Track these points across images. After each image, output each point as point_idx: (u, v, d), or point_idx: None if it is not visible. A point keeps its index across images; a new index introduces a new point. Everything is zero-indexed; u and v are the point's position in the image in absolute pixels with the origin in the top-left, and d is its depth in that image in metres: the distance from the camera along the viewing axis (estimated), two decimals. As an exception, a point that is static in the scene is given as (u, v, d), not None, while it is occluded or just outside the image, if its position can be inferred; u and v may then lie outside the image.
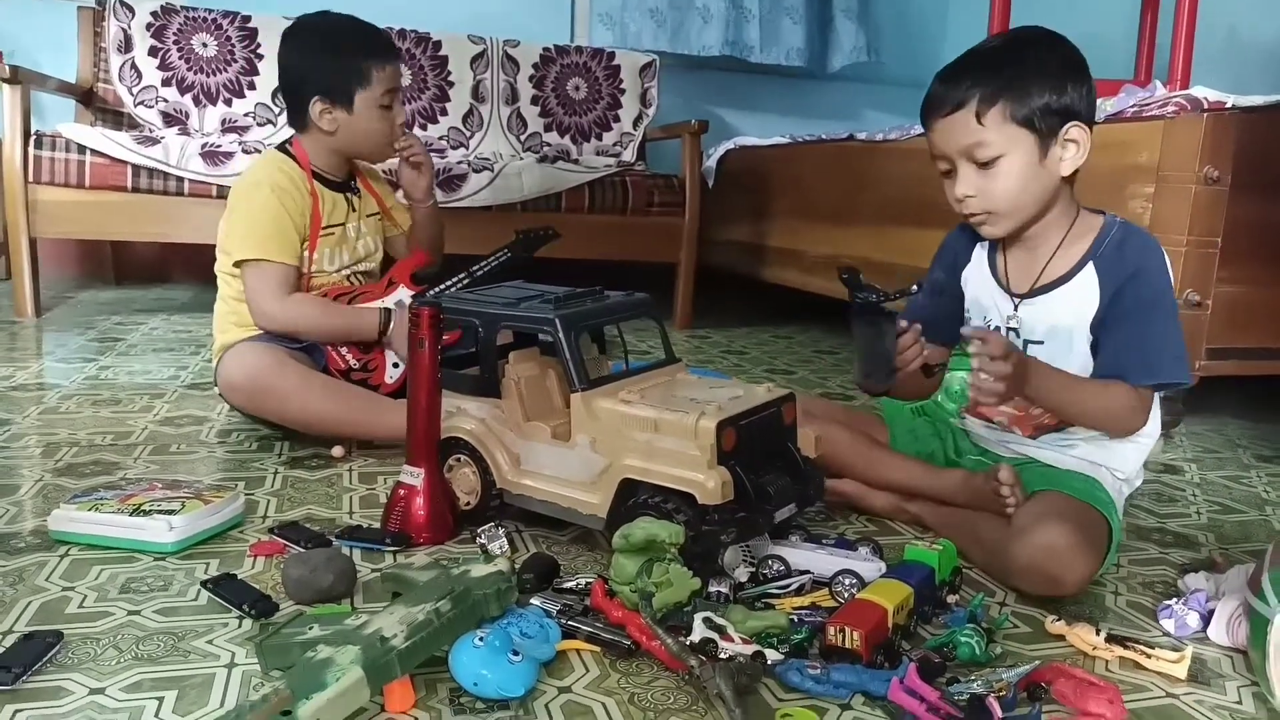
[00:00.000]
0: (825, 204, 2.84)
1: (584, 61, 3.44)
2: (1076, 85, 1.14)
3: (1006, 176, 1.15)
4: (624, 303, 1.24)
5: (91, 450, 1.50)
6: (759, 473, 1.05)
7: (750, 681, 0.83)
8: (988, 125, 1.13)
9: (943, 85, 1.17)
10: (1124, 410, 1.16)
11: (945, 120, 1.16)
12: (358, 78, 1.61)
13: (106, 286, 3.35)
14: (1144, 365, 1.15)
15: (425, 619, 0.82)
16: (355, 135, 1.65)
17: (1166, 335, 1.15)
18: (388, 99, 1.65)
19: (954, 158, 1.17)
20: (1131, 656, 0.95)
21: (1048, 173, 1.16)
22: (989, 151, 1.14)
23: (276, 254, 1.57)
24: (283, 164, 1.64)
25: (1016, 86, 1.13)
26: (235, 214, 1.62)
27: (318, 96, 1.62)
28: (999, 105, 1.13)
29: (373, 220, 1.78)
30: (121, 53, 2.99)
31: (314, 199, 1.63)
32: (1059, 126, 1.14)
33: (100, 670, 0.85)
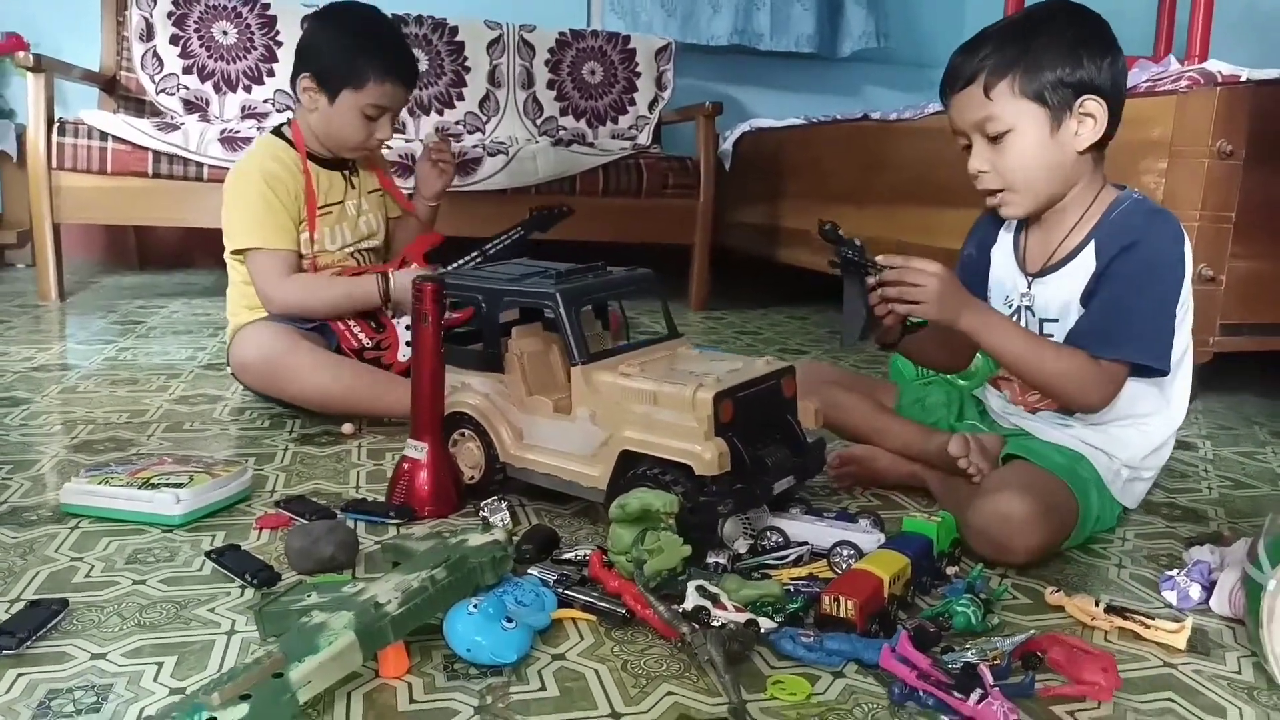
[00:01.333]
0: (840, 184, 2.82)
1: (600, 45, 3.43)
2: (1095, 58, 1.12)
3: (1017, 151, 1.14)
4: (626, 278, 1.24)
5: (107, 428, 1.53)
6: (757, 445, 1.05)
7: (742, 649, 0.84)
8: (995, 99, 1.12)
9: (958, 59, 1.16)
10: (1077, 377, 1.13)
11: (958, 95, 1.16)
12: (352, 77, 1.61)
13: (130, 271, 3.39)
14: (1106, 337, 1.13)
15: (420, 586, 0.83)
16: (328, 125, 1.65)
17: (1142, 312, 1.13)
18: (373, 111, 1.63)
19: (969, 132, 1.17)
20: (1130, 627, 0.94)
21: (1061, 147, 1.13)
22: (998, 126, 1.13)
23: (273, 241, 1.59)
24: (274, 148, 1.66)
25: (1028, 60, 1.11)
26: (229, 204, 1.64)
27: (309, 74, 1.63)
28: (1008, 79, 1.11)
29: (374, 197, 1.79)
30: (144, 41, 3.02)
31: (307, 178, 1.64)
32: (1072, 100, 1.11)
33: (103, 636, 0.86)
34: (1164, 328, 1.14)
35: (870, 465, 1.32)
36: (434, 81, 3.24)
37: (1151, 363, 1.14)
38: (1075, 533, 1.13)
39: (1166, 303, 1.14)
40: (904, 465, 1.31)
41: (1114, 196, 1.18)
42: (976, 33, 1.17)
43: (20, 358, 1.99)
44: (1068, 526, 1.12)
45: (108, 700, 0.77)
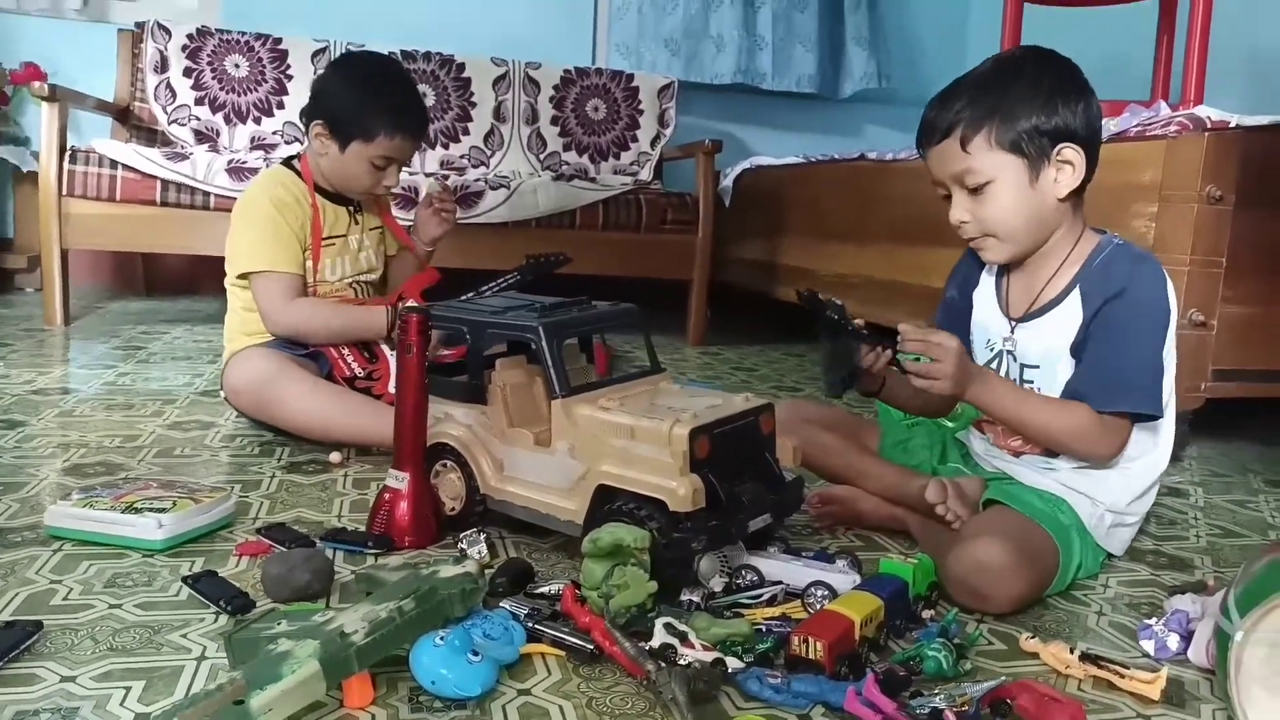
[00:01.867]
0: (837, 223, 2.84)
1: (604, 83, 3.48)
2: (1070, 104, 1.13)
3: (997, 201, 1.15)
4: (609, 312, 1.26)
5: (100, 452, 1.54)
6: (734, 481, 1.06)
7: (708, 688, 0.84)
8: (973, 152, 1.13)
9: (933, 112, 1.17)
10: (1084, 433, 1.14)
11: (936, 148, 1.17)
12: (362, 130, 1.65)
13: (137, 297, 3.43)
14: (1104, 390, 1.13)
15: (387, 616, 0.84)
16: (337, 171, 1.69)
17: (1135, 361, 1.13)
18: (382, 162, 1.67)
19: (947, 183, 1.18)
20: (1105, 676, 0.94)
21: (1041, 196, 1.15)
22: (977, 178, 1.14)
23: (280, 264, 1.62)
24: (283, 178, 1.69)
25: (1002, 110, 1.12)
26: (237, 229, 1.67)
27: (321, 121, 1.67)
28: (984, 131, 1.12)
29: (375, 234, 1.82)
30: (158, 73, 3.08)
31: (315, 211, 1.67)
32: (1050, 148, 1.12)
33: (74, 660, 0.87)
34: (1155, 373, 1.15)
35: (852, 506, 1.32)
36: (440, 116, 3.29)
37: (1148, 410, 1.14)
38: (1057, 580, 1.13)
39: (1155, 349, 1.15)
40: (886, 507, 1.31)
41: (1096, 242, 1.19)
42: (949, 84, 1.18)
43: (20, 381, 2.01)
44: (1049, 574, 1.11)
45: (72, 724, 0.77)
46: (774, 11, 3.81)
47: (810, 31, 3.85)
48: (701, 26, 3.78)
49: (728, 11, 3.78)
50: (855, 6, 3.93)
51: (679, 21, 3.75)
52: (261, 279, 1.63)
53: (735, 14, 3.78)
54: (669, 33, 3.75)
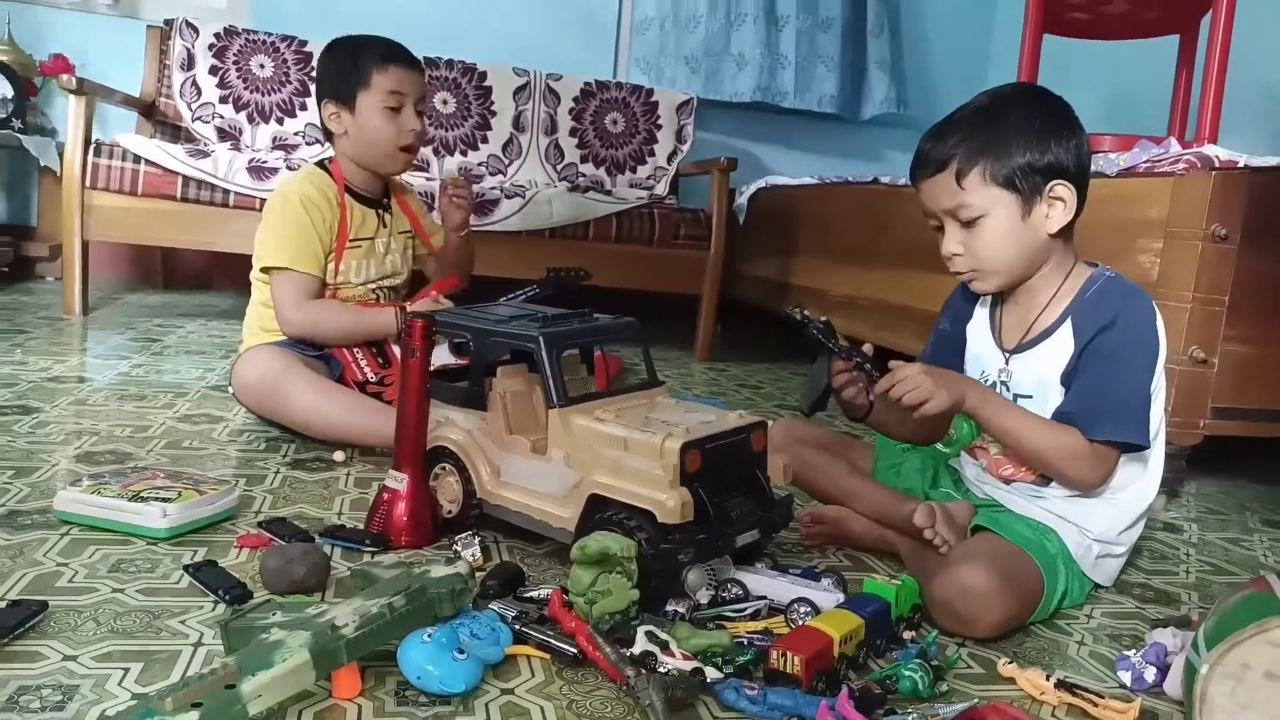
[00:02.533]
0: (848, 244, 2.87)
1: (623, 97, 3.52)
2: (1062, 141, 1.15)
3: (989, 236, 1.17)
4: (610, 325, 1.28)
5: (110, 441, 1.57)
6: (723, 496, 1.08)
7: (685, 696, 0.86)
8: (968, 188, 1.15)
9: (928, 145, 1.19)
10: (1074, 456, 1.15)
11: (929, 181, 1.19)
12: (359, 77, 1.70)
13: (154, 291, 3.48)
14: (1095, 419, 1.15)
15: (378, 612, 0.87)
16: (360, 137, 1.73)
17: (1123, 391, 1.15)
18: (392, 100, 1.71)
19: (940, 216, 1.20)
20: (1079, 704, 0.95)
21: (1032, 231, 1.17)
22: (970, 212, 1.16)
23: (300, 264, 1.66)
24: (315, 178, 1.73)
25: (997, 147, 1.14)
26: (266, 223, 1.71)
27: (327, 99, 1.72)
28: (979, 167, 1.14)
29: (403, 238, 1.86)
30: (184, 70, 3.14)
31: (343, 211, 1.71)
32: (1042, 185, 1.15)
33: (76, 640, 0.90)
34: (1141, 404, 1.17)
35: (842, 526, 1.34)
36: (460, 123, 3.34)
37: (1134, 440, 1.16)
38: (1040, 607, 1.15)
39: (1142, 379, 1.17)
40: (875, 529, 1.32)
41: (1088, 274, 1.21)
42: (944, 118, 1.20)
43: (37, 368, 2.05)
44: (1033, 601, 1.13)
45: (72, 700, 0.80)
46: (798, 30, 3.83)
47: (833, 52, 3.88)
48: (723, 45, 3.82)
49: (750, 30, 3.81)
50: (878, 31, 3.96)
51: (700, 40, 3.78)
52: (281, 276, 1.67)
53: (758, 33, 3.81)
54: (690, 50, 3.78)
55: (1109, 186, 1.85)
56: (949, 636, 1.08)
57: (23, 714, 0.77)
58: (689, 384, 2.61)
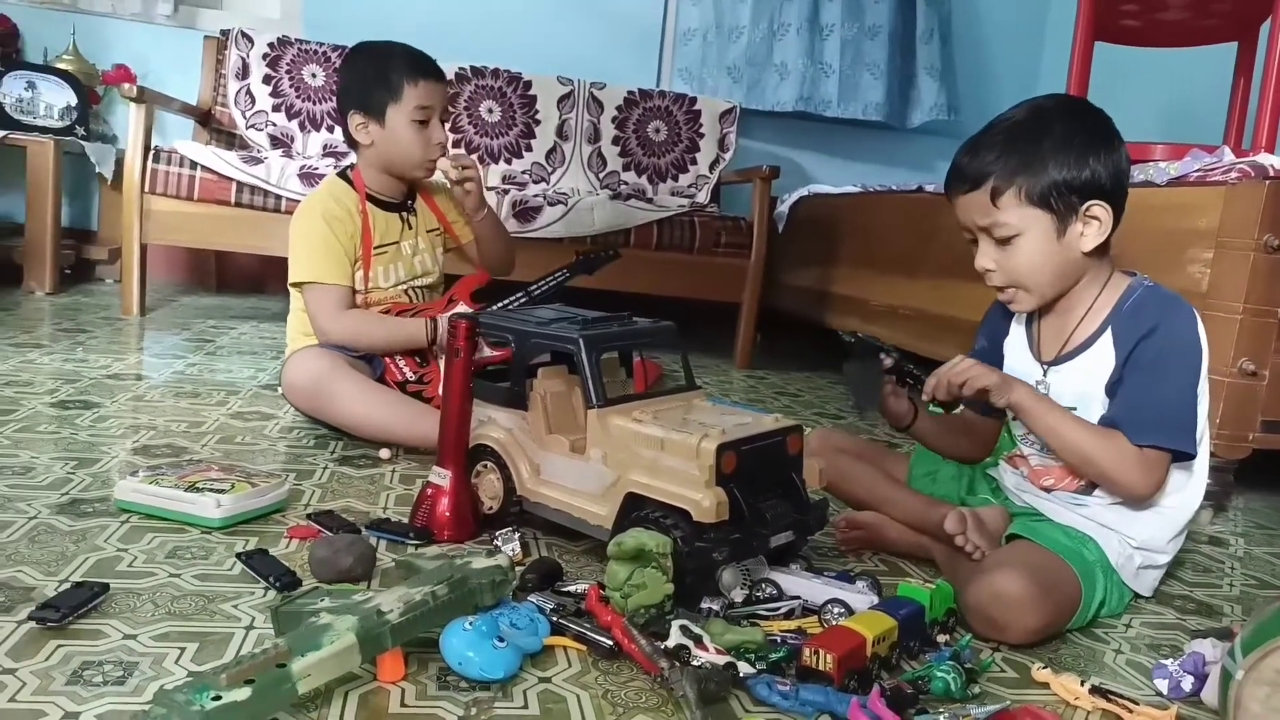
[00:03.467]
0: (891, 254, 2.86)
1: (666, 105, 3.55)
2: (1100, 158, 1.14)
3: (1024, 254, 1.17)
4: (648, 329, 1.31)
5: (166, 435, 1.63)
6: (758, 497, 1.10)
7: (719, 689, 0.88)
8: (1003, 206, 1.15)
9: (962, 160, 1.19)
10: (1120, 462, 1.14)
11: (964, 197, 1.19)
12: (389, 92, 1.73)
13: (208, 293, 3.58)
14: (1142, 425, 1.14)
15: (421, 599, 0.90)
16: (390, 149, 1.76)
17: (1165, 397, 1.14)
18: (420, 114, 1.74)
19: (975, 232, 1.21)
20: (1114, 710, 0.95)
21: (1067, 249, 1.16)
22: (1005, 231, 1.16)
23: (329, 276, 1.70)
24: (336, 191, 1.78)
25: (1033, 165, 1.13)
26: (293, 239, 1.76)
27: (354, 109, 1.75)
28: (1014, 186, 1.14)
29: (432, 236, 1.89)
30: (239, 79, 3.23)
31: (365, 219, 1.75)
32: (1078, 205, 1.14)
33: (136, 620, 0.94)
34: (1188, 411, 1.16)
35: (878, 532, 1.35)
36: (505, 132, 3.39)
37: (1182, 447, 1.15)
38: (1078, 615, 1.14)
39: (1187, 387, 1.16)
40: (911, 535, 1.33)
41: (1126, 284, 1.21)
42: (979, 131, 1.20)
43: (98, 366, 2.13)
44: (1069, 608, 1.13)
45: (132, 676, 0.84)
46: (842, 39, 3.83)
47: (880, 60, 3.87)
48: (765, 55, 3.82)
49: (793, 40, 3.81)
50: (928, 38, 3.94)
51: (743, 50, 3.80)
52: (311, 290, 1.72)
53: (801, 42, 3.81)
54: (732, 60, 3.80)
55: (1158, 196, 1.83)
56: (983, 642, 1.08)
57: (86, 687, 0.82)
58: (728, 391, 2.63)
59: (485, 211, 1.92)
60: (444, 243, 1.94)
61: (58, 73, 3.23)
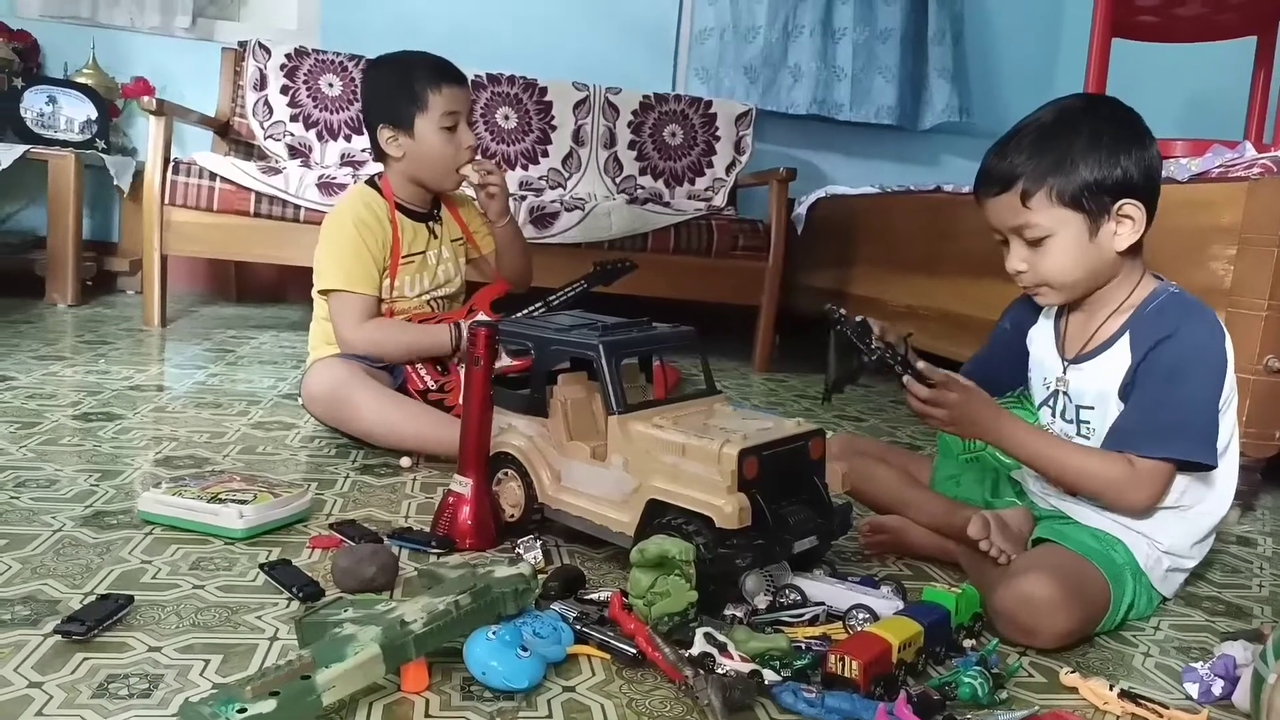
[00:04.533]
0: (909, 254, 2.84)
1: (682, 109, 3.55)
2: (1131, 156, 1.13)
3: (1056, 255, 1.16)
4: (668, 334, 1.30)
5: (189, 446, 1.64)
6: (780, 503, 1.09)
7: (743, 697, 0.87)
8: (1034, 208, 1.14)
9: (991, 162, 1.18)
10: (1114, 481, 1.13)
11: (993, 200, 1.18)
12: (415, 103, 1.73)
13: (228, 303, 3.60)
14: (1152, 435, 1.13)
15: (445, 609, 0.89)
16: (421, 160, 1.77)
17: (1184, 407, 1.12)
18: (448, 120, 1.75)
19: (1005, 233, 1.20)
20: (1143, 714, 0.94)
21: (1099, 249, 1.15)
22: (1036, 233, 1.15)
23: (357, 285, 1.71)
24: (367, 198, 1.78)
25: (1064, 165, 1.12)
26: (323, 245, 1.76)
27: (383, 124, 1.76)
28: (1045, 187, 1.13)
29: (455, 245, 1.89)
30: (256, 90, 3.26)
31: (394, 229, 1.75)
32: (1110, 204, 1.13)
33: (161, 632, 0.95)
34: (1208, 421, 1.14)
35: (901, 536, 1.34)
36: (521, 138, 3.40)
37: (1199, 459, 1.13)
38: (1107, 618, 1.13)
39: (1208, 396, 1.14)
40: (935, 539, 1.32)
41: (1152, 288, 1.19)
42: (1008, 132, 1.19)
43: (120, 377, 2.14)
44: (1099, 612, 1.12)
45: (158, 688, 0.84)
46: (854, 43, 3.83)
47: (892, 63, 3.86)
48: (780, 56, 3.83)
49: (807, 43, 3.81)
50: (940, 39, 3.92)
51: (759, 50, 3.80)
52: (338, 298, 1.72)
53: (815, 45, 3.81)
54: (749, 61, 3.80)
55: (1180, 193, 1.81)
56: (1011, 646, 1.07)
57: (113, 700, 0.82)
58: (748, 394, 2.62)
59: (508, 219, 1.92)
60: (466, 253, 1.94)
61: (78, 87, 3.26)
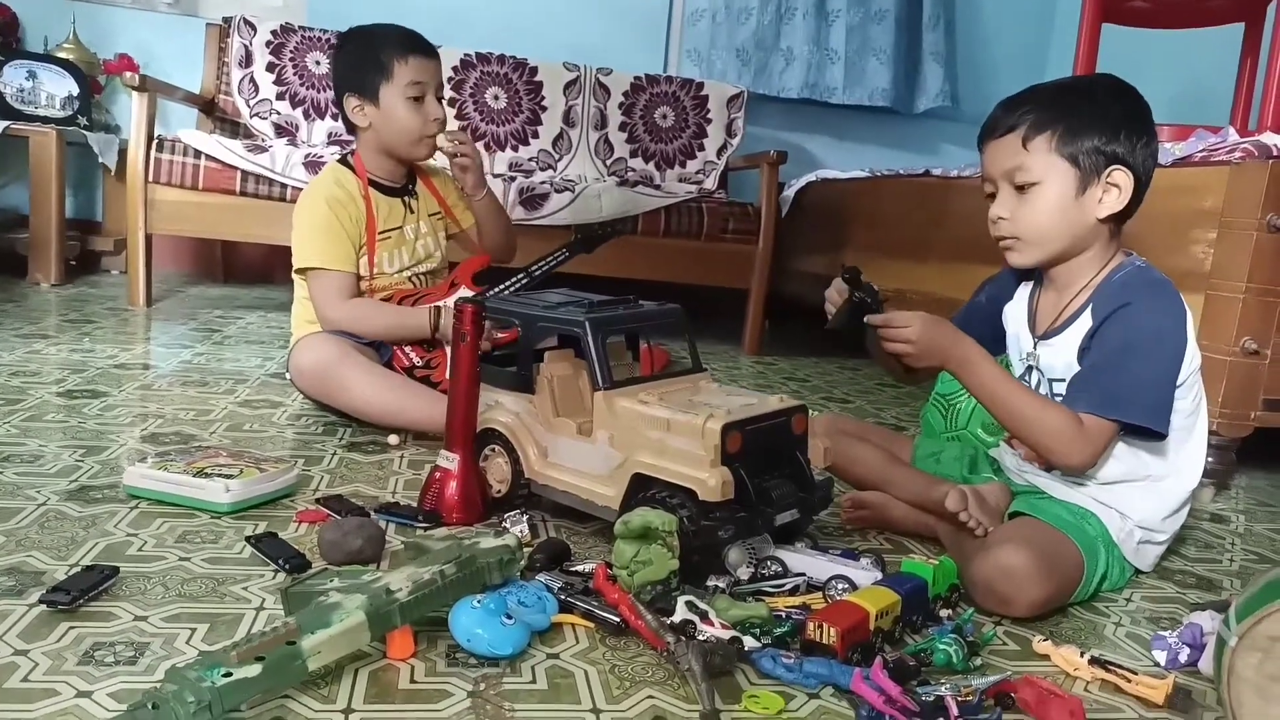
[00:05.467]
0: (900, 238, 2.86)
1: (673, 91, 3.55)
2: (1133, 136, 1.16)
3: (1040, 204, 1.18)
4: (654, 311, 1.31)
5: (175, 423, 1.64)
6: (763, 476, 1.10)
7: (724, 663, 0.89)
8: (1032, 151, 1.17)
9: (1001, 110, 1.21)
10: (1060, 432, 1.14)
11: (995, 142, 1.20)
12: (380, 71, 1.73)
13: (215, 283, 3.59)
14: (1093, 395, 1.14)
15: (430, 578, 0.91)
16: (386, 129, 1.77)
17: (1136, 374, 1.14)
18: (414, 90, 1.74)
19: (997, 180, 1.21)
20: (1112, 680, 0.96)
21: (1081, 210, 1.17)
22: (1027, 176, 1.17)
23: (333, 262, 1.71)
24: (339, 175, 1.78)
25: (1070, 120, 1.15)
26: (297, 225, 1.76)
27: (349, 92, 1.76)
28: (1047, 134, 1.16)
29: (433, 220, 1.89)
30: (242, 67, 3.24)
31: (368, 204, 1.75)
32: (1104, 167, 1.16)
33: (146, 602, 0.96)
34: (1158, 391, 1.15)
35: (882, 512, 1.36)
36: (511, 119, 3.39)
37: (1145, 424, 1.15)
38: (1080, 589, 1.15)
39: (1161, 366, 1.15)
40: (915, 514, 1.34)
41: (1120, 262, 1.22)
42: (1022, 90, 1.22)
43: (105, 356, 2.14)
44: (1072, 582, 1.14)
45: (143, 656, 0.85)
46: (848, 25, 3.83)
47: (886, 45, 3.86)
48: (773, 39, 3.82)
49: (800, 25, 3.81)
50: (934, 24, 3.93)
51: (751, 32, 3.79)
52: (316, 276, 1.72)
53: (808, 28, 3.81)
54: (741, 42, 3.80)
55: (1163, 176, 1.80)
56: (987, 615, 1.09)
57: (98, 667, 0.83)
58: (737, 377, 2.63)
59: (485, 191, 1.91)
60: (446, 228, 1.94)
61: (59, 62, 3.23)
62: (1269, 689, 0.74)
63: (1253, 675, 0.74)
